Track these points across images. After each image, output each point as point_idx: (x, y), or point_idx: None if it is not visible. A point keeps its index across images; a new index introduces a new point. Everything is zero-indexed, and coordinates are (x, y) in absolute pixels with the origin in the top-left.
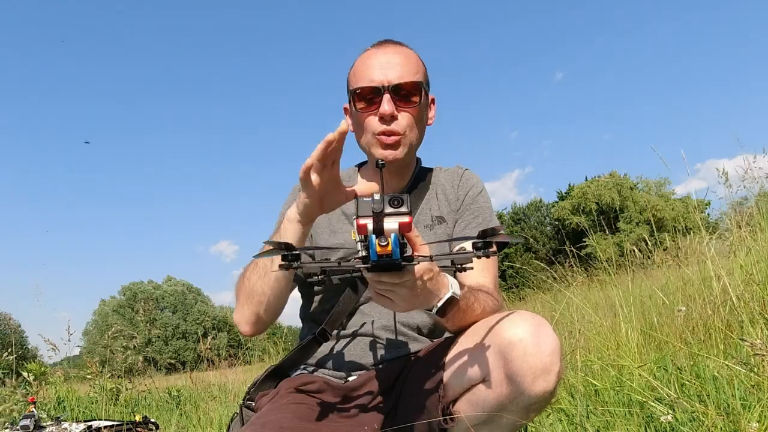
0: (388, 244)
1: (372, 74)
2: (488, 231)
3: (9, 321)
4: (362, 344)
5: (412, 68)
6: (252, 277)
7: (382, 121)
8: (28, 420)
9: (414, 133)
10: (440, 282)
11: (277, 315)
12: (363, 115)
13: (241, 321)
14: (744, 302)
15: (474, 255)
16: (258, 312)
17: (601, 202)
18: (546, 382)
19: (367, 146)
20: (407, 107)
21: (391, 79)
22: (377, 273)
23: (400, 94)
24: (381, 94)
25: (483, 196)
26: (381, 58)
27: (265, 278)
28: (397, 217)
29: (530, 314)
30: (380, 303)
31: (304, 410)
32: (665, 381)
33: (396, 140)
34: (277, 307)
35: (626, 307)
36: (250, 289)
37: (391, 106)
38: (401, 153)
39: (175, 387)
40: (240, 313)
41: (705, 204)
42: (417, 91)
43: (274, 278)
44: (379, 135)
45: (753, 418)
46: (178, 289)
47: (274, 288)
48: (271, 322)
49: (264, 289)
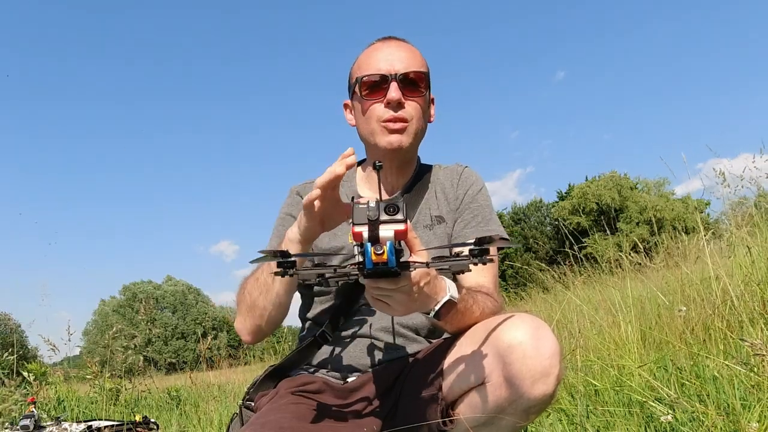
0: (383, 252)
1: (379, 64)
2: (485, 238)
3: (9, 321)
4: (361, 346)
5: (418, 61)
6: (253, 292)
7: (389, 107)
8: (28, 420)
9: (419, 123)
10: (437, 286)
11: (278, 325)
12: (368, 102)
13: (243, 331)
14: (744, 302)
15: (471, 262)
16: (260, 324)
17: (601, 202)
18: (545, 386)
19: (372, 135)
20: (414, 95)
21: (398, 68)
22: (373, 279)
23: (407, 82)
24: (388, 81)
25: (483, 195)
26: (387, 51)
27: (266, 294)
28: (392, 225)
29: (530, 317)
30: (377, 308)
31: (303, 410)
32: (665, 381)
33: (403, 126)
34: (279, 318)
35: (626, 307)
36: (251, 303)
37: (399, 93)
38: (407, 140)
39: (175, 387)
40: (242, 323)
41: (705, 204)
42: (423, 80)
43: (275, 294)
44: (386, 122)
45: (753, 418)
46: (178, 289)
47: (276, 303)
48: (272, 332)
49: (265, 305)
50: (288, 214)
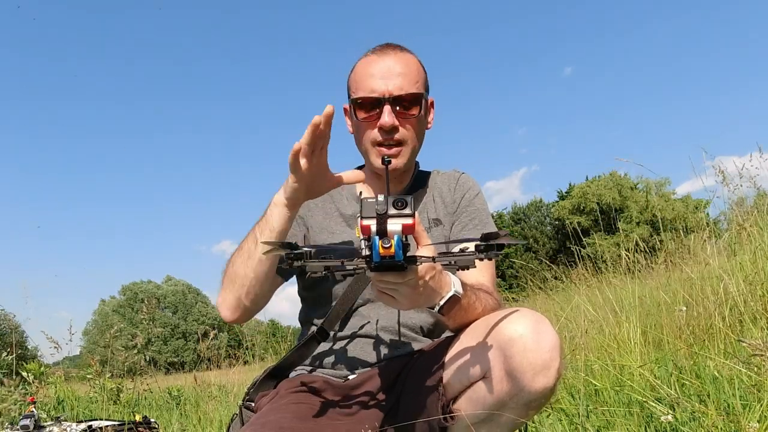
0: (391, 246)
1: (373, 84)
2: (492, 234)
3: (9, 321)
4: (363, 344)
5: (413, 77)
6: (236, 261)
7: (382, 132)
8: (28, 420)
9: (414, 143)
10: (443, 280)
11: (258, 302)
12: (363, 124)
13: (222, 305)
14: (744, 302)
15: (477, 257)
16: (239, 296)
17: (602, 202)
18: (546, 379)
19: (366, 154)
20: (408, 118)
21: (392, 89)
22: (380, 273)
23: (400, 105)
24: (382, 104)
25: (479, 199)
26: (382, 66)
27: (248, 261)
28: (400, 219)
29: (530, 311)
30: (383, 301)
31: (304, 410)
32: (665, 381)
33: (397, 151)
34: (259, 292)
35: (627, 307)
36: (233, 273)
37: (392, 118)
38: (401, 162)
39: (175, 387)
40: (222, 296)
41: (705, 203)
42: (417, 102)
43: (257, 261)
44: (379, 146)
45: (753, 418)
46: (178, 289)
47: (257, 270)
48: (253, 310)
49: (246, 272)
50: None
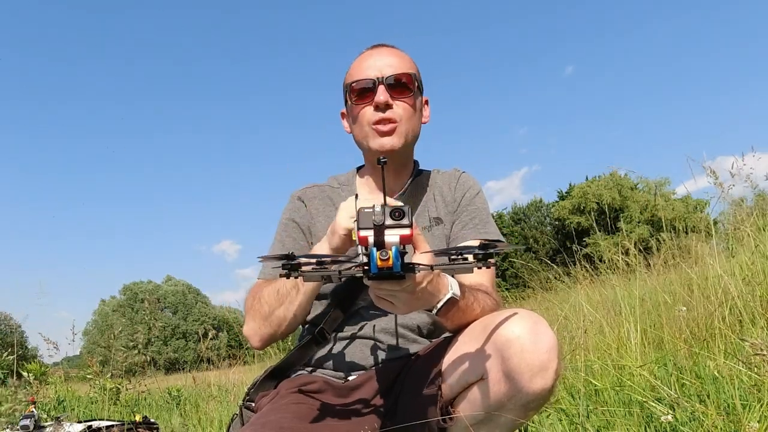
0: (389, 258)
1: (367, 71)
2: (490, 243)
3: (9, 321)
4: (362, 346)
5: (406, 64)
6: (272, 302)
7: (378, 110)
8: (28, 420)
9: (410, 124)
10: (440, 283)
11: (292, 332)
12: (358, 107)
13: (255, 337)
14: (744, 302)
15: (474, 266)
16: (275, 332)
17: (602, 202)
18: (544, 380)
19: (364, 139)
20: (402, 97)
21: (386, 73)
22: (378, 281)
23: (394, 85)
24: (376, 85)
25: (480, 198)
26: (375, 58)
27: (288, 306)
28: (398, 230)
29: (527, 312)
30: (381, 306)
31: (304, 410)
32: (665, 381)
33: (392, 128)
34: (296, 326)
35: (627, 307)
36: (268, 312)
37: (386, 95)
38: (398, 142)
39: (175, 387)
40: (253, 329)
41: (705, 203)
42: (410, 81)
43: (298, 305)
44: (375, 124)
45: (753, 418)
46: (178, 289)
47: (297, 313)
48: (284, 336)
49: (286, 315)
50: (290, 219)
